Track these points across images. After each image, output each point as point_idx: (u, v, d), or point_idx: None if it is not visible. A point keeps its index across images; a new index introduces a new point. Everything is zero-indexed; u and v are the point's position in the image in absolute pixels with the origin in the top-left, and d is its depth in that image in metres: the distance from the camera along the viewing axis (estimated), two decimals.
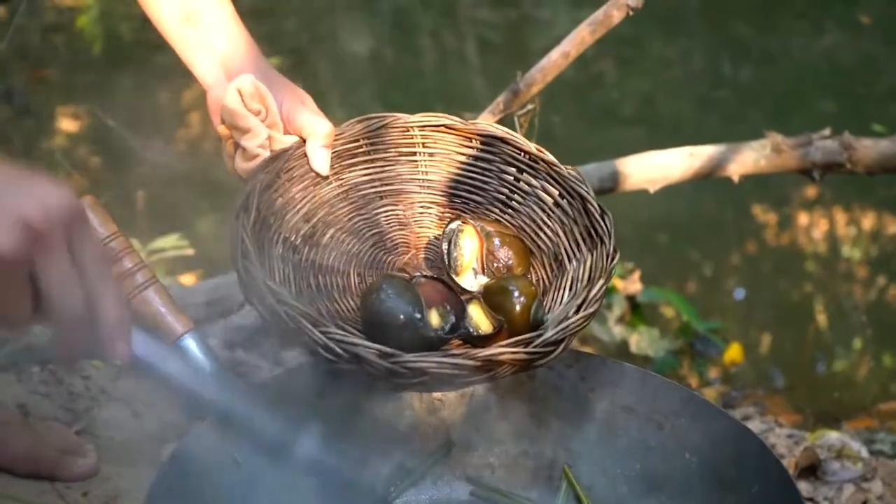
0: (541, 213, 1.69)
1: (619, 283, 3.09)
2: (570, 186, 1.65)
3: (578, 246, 1.62)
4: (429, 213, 1.74)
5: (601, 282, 1.52)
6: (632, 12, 2.19)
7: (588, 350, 2.76)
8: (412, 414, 1.67)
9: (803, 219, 4.09)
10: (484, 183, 1.73)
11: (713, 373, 3.00)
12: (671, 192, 2.60)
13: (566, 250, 1.64)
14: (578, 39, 2.26)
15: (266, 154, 1.62)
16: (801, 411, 2.73)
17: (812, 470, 2.08)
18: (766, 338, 3.44)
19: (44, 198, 1.02)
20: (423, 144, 1.74)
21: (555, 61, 2.29)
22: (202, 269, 3.26)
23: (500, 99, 2.31)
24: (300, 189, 1.64)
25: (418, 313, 1.47)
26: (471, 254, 1.64)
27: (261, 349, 2.51)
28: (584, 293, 1.50)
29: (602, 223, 1.59)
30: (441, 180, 1.74)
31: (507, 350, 1.41)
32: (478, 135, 1.72)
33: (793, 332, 3.47)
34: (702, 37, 5.88)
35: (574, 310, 1.48)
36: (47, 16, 5.19)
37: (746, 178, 2.55)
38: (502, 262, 1.63)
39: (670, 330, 3.12)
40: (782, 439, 2.26)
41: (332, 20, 6.15)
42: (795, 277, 3.84)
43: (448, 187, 1.74)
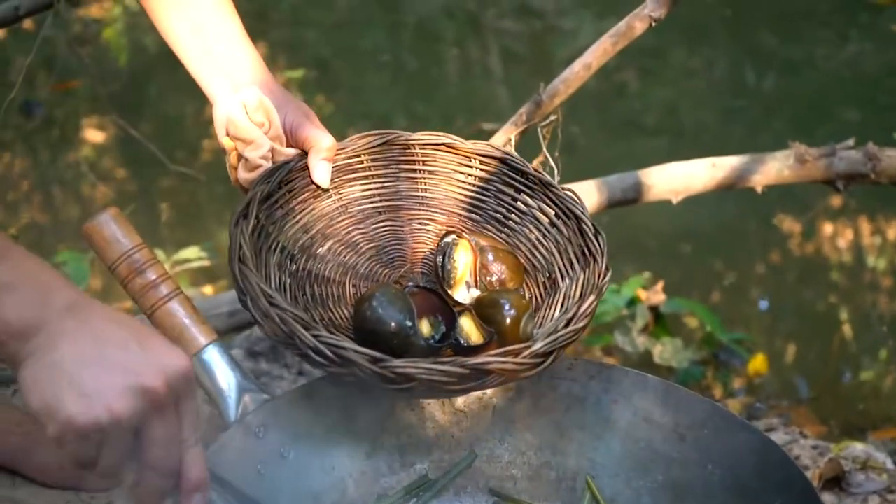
0: (536, 233, 1.71)
1: (642, 294, 3.08)
2: (567, 207, 1.68)
3: (572, 265, 1.65)
4: (426, 229, 1.76)
5: (592, 297, 1.54)
6: (654, 23, 2.19)
7: (611, 361, 2.76)
8: (435, 425, 1.67)
9: (827, 229, 4.07)
10: (482, 202, 1.76)
11: (737, 384, 2.99)
12: (694, 202, 2.60)
13: (560, 269, 1.66)
14: (601, 51, 2.26)
15: (268, 165, 1.65)
16: (826, 422, 2.72)
17: (837, 481, 2.08)
18: (791, 348, 3.43)
19: (162, 362, 1.07)
20: (423, 162, 1.76)
21: (577, 72, 2.29)
22: (225, 279, 3.27)
23: (523, 110, 2.32)
24: (300, 201, 1.67)
25: (409, 321, 1.50)
26: (464, 267, 1.65)
27: (284, 360, 2.52)
28: (575, 308, 1.52)
29: (595, 242, 1.62)
30: (440, 198, 1.77)
31: (496, 360, 1.43)
32: (478, 155, 1.75)
33: (818, 342, 3.45)
34: (725, 46, 5.87)
35: (564, 324, 1.50)
36: (74, 28, 5.23)
37: (770, 189, 2.54)
38: (496, 277, 1.64)
39: (694, 340, 3.11)
40: (807, 450, 2.25)
41: (355, 31, 6.16)
42: (820, 288, 3.83)
43: (446, 205, 1.77)
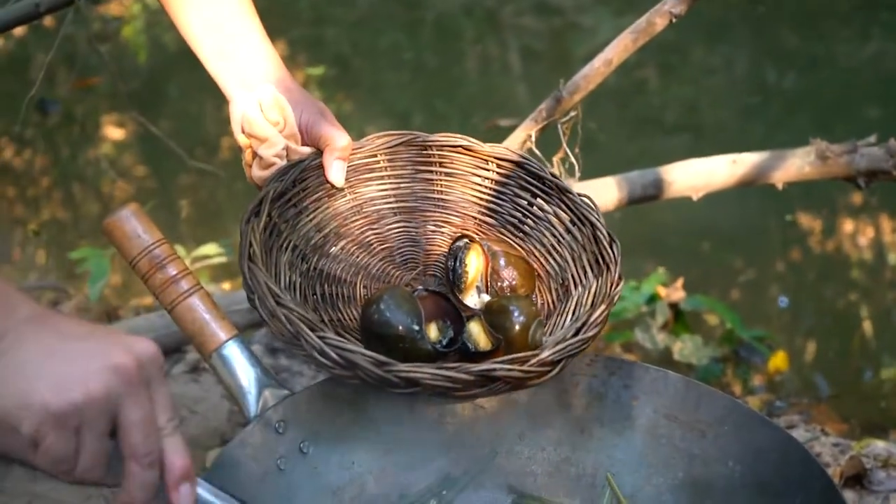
0: (551, 239, 1.70)
1: (662, 291, 3.08)
2: (582, 213, 1.67)
3: (585, 273, 1.64)
4: (441, 231, 1.75)
5: (602, 307, 1.53)
6: (674, 19, 2.18)
7: (631, 358, 2.75)
8: (455, 422, 1.66)
9: (848, 226, 4.06)
10: (498, 205, 1.75)
11: (757, 381, 2.99)
12: (714, 199, 2.59)
13: (573, 276, 1.65)
14: (621, 47, 2.26)
15: (282, 164, 1.65)
16: (847, 420, 2.71)
17: (858, 479, 2.07)
18: (811, 346, 3.42)
19: (129, 344, 1.07)
20: (440, 164, 1.75)
21: (597, 69, 2.29)
22: None
23: (543, 106, 2.31)
24: (314, 199, 1.67)
25: (416, 325, 1.49)
26: (475, 272, 1.65)
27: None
28: (585, 317, 1.51)
29: (609, 251, 1.61)
30: (456, 200, 1.76)
31: (502, 367, 1.42)
32: (495, 158, 1.74)
33: (838, 340, 3.44)
34: (745, 43, 5.85)
35: (573, 332, 1.49)
36: (94, 25, 5.24)
37: (791, 186, 2.53)
38: (506, 282, 1.64)
39: (714, 338, 3.10)
40: (828, 448, 2.25)
41: (375, 28, 6.17)
42: (841, 285, 3.81)
43: (462, 208, 1.76)
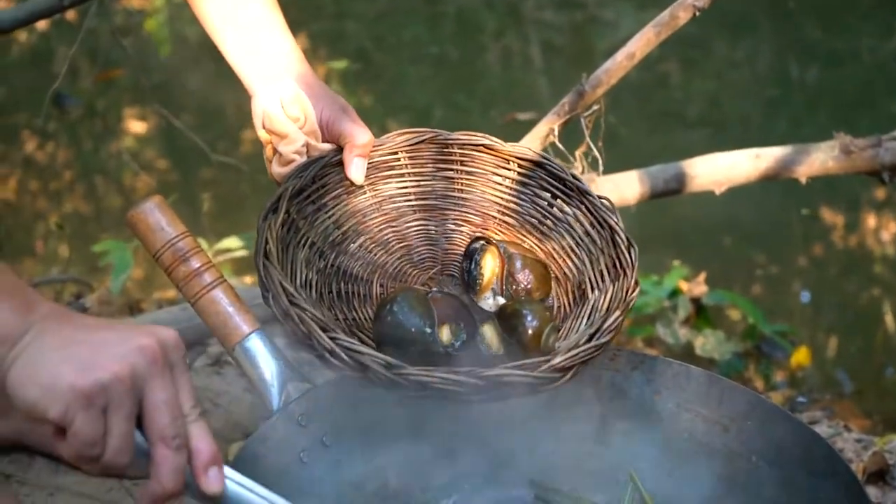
0: (570, 241, 1.69)
1: (684, 286, 3.07)
2: (601, 216, 1.66)
3: (602, 277, 1.62)
4: (460, 230, 1.75)
5: (617, 313, 1.51)
6: (698, 13, 2.17)
7: (653, 352, 2.75)
8: (478, 417, 1.66)
9: (871, 221, 4.04)
10: (518, 205, 1.74)
11: (779, 376, 2.98)
12: (737, 193, 2.58)
13: (590, 280, 1.64)
14: (644, 40, 2.25)
15: (302, 160, 1.64)
16: (870, 416, 2.70)
17: (881, 475, 2.06)
18: (834, 341, 3.41)
19: (151, 330, 1.09)
20: (461, 162, 1.75)
21: (620, 62, 2.28)
22: None
23: (566, 100, 2.31)
24: (333, 197, 1.66)
25: (429, 328, 1.48)
26: (491, 274, 1.64)
27: None
28: (599, 323, 1.50)
29: (627, 255, 1.59)
30: (476, 199, 1.76)
31: (513, 372, 1.41)
32: (516, 157, 1.73)
33: (860, 335, 3.43)
34: (768, 37, 5.83)
35: (586, 338, 1.48)
36: (116, 18, 5.25)
37: (814, 180, 2.52)
38: (522, 285, 1.63)
39: (736, 333, 3.09)
40: (850, 444, 2.24)
41: (396, 22, 6.17)
42: (863, 280, 3.80)
43: (482, 207, 1.76)
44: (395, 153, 1.72)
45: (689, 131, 4.85)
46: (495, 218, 1.75)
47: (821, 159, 2.47)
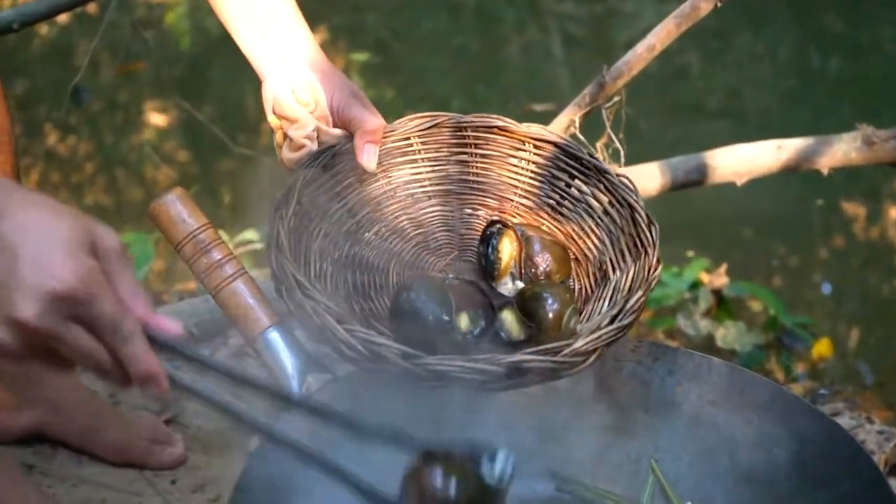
0: (589, 221, 1.66)
1: (705, 277, 3.06)
2: (621, 195, 1.62)
3: (623, 256, 1.59)
4: (477, 215, 1.72)
5: (639, 293, 1.46)
6: (719, 4, 2.17)
7: (674, 344, 2.74)
8: (499, 407, 1.66)
9: (893, 212, 4.02)
10: (535, 187, 1.71)
11: (800, 368, 2.97)
12: (758, 185, 2.57)
13: (611, 260, 1.60)
14: (664, 32, 2.25)
15: (313, 146, 1.62)
16: (892, 408, 2.69)
17: None
18: (855, 333, 3.40)
19: (95, 234, 1.07)
20: (475, 145, 1.72)
21: (640, 54, 2.28)
22: None
23: (587, 91, 2.31)
24: (345, 185, 1.63)
25: (446, 315, 1.44)
26: (509, 258, 1.61)
27: None
28: (622, 304, 1.45)
29: (648, 233, 1.55)
30: (492, 182, 1.73)
31: (534, 358, 1.36)
32: (531, 138, 1.70)
33: (882, 328, 3.41)
34: (789, 29, 5.80)
35: (608, 320, 1.43)
36: (137, 11, 5.27)
37: (835, 172, 2.51)
38: (541, 268, 1.60)
39: (757, 324, 3.09)
40: (872, 436, 2.23)
41: (415, 14, 6.16)
42: (885, 272, 3.78)
43: (498, 190, 1.73)
44: (408, 138, 1.69)
45: (710, 123, 4.84)
46: (512, 200, 1.72)
47: (843, 150, 2.46)
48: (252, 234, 3.30)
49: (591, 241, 1.65)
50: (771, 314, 3.06)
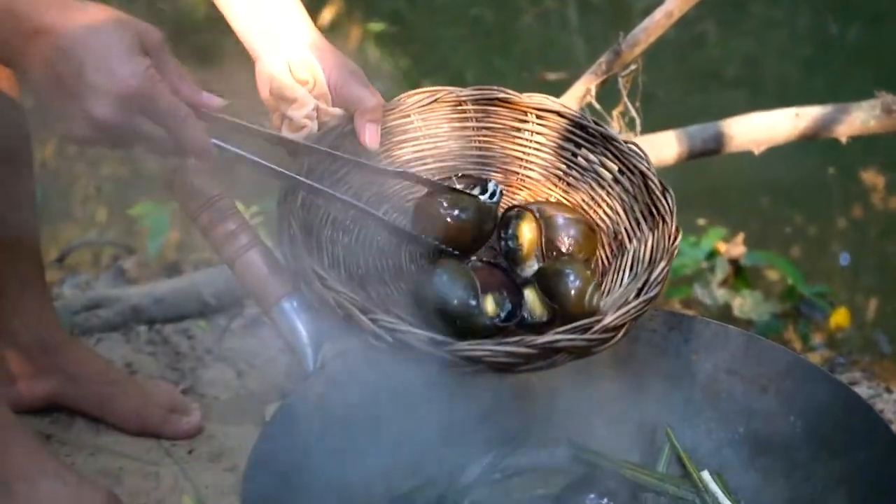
0: (599, 190, 1.63)
1: (722, 247, 3.05)
2: (630, 162, 1.59)
3: (639, 224, 1.56)
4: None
5: (662, 263, 1.44)
6: None
7: (691, 313, 2.73)
8: (514, 377, 1.66)
9: None
10: (540, 158, 1.68)
11: (818, 338, 2.96)
12: (776, 153, 2.56)
13: (627, 230, 1.57)
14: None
15: (313, 125, 1.58)
16: None
17: None
18: (873, 303, 3.38)
19: (143, 33, 1.32)
20: (476, 119, 1.68)
21: (658, 21, 2.26)
22: None
23: (603, 60, 2.29)
24: (349, 167, 1.59)
25: (473, 300, 1.42)
26: (530, 243, 1.58)
27: None
28: (645, 276, 1.43)
29: (664, 201, 1.53)
30: (496, 156, 1.69)
31: (565, 337, 1.35)
32: (534, 109, 1.67)
33: None
34: None
35: (634, 294, 1.41)
36: None
37: (854, 140, 2.49)
38: (564, 248, 1.56)
39: (774, 294, 3.07)
40: (890, 405, 2.23)
41: None
42: None
43: (503, 163, 1.69)
44: (408, 115, 1.66)
45: (727, 91, 4.81)
46: (517, 173, 1.69)
47: (861, 118, 2.44)
48: (267, 205, 3.29)
49: (603, 210, 1.62)
50: (788, 284, 3.04)
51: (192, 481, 1.86)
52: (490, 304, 1.47)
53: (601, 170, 1.63)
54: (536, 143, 1.68)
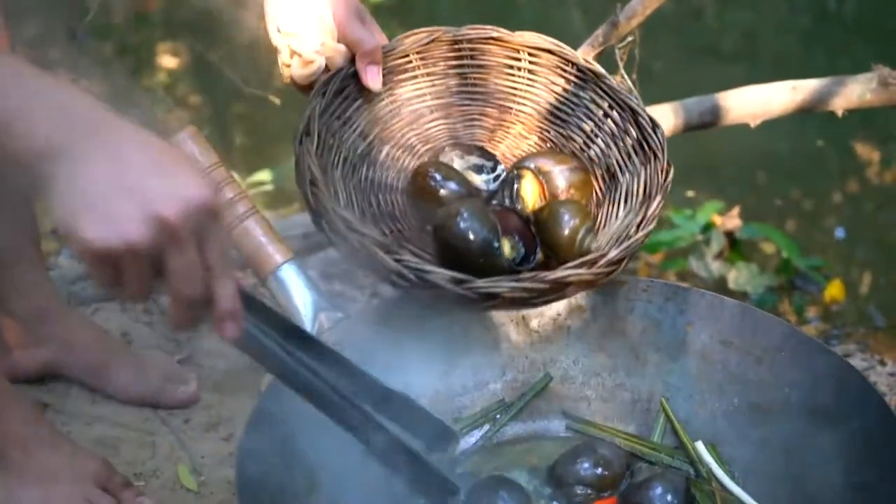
0: (590, 124, 1.70)
1: (717, 219, 3.05)
2: (620, 99, 1.67)
3: (630, 159, 1.63)
4: (479, 124, 1.76)
5: (658, 198, 1.54)
6: None
7: (686, 286, 2.74)
8: (509, 346, 1.67)
9: None
10: (532, 94, 1.75)
11: (812, 311, 2.96)
12: (772, 127, 2.55)
13: (618, 162, 1.65)
14: None
15: (321, 60, 1.61)
16: None
17: None
18: (868, 277, 3.39)
19: (181, 193, 1.05)
20: (471, 57, 1.75)
21: None
22: (297, 202, 3.28)
23: (599, 31, 2.28)
24: (355, 108, 1.66)
25: (496, 242, 1.49)
26: (534, 200, 1.63)
27: (358, 281, 2.53)
28: (643, 211, 1.53)
29: (654, 136, 1.61)
30: (490, 92, 1.76)
31: (574, 272, 1.44)
32: (525, 47, 1.73)
33: None
34: None
35: (634, 228, 1.50)
36: None
37: (851, 114, 2.49)
38: (565, 197, 1.62)
39: (769, 267, 3.07)
40: (883, 378, 2.23)
41: None
42: None
43: (497, 99, 1.76)
44: (407, 56, 1.72)
45: (724, 65, 4.80)
46: (511, 109, 1.75)
47: (858, 91, 2.44)
48: (264, 176, 3.29)
49: (595, 144, 1.69)
50: (783, 257, 3.05)
51: (188, 450, 1.86)
52: (507, 247, 1.53)
53: (592, 105, 1.71)
54: (528, 79, 1.75)
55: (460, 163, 1.66)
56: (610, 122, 1.68)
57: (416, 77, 1.73)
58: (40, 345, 1.93)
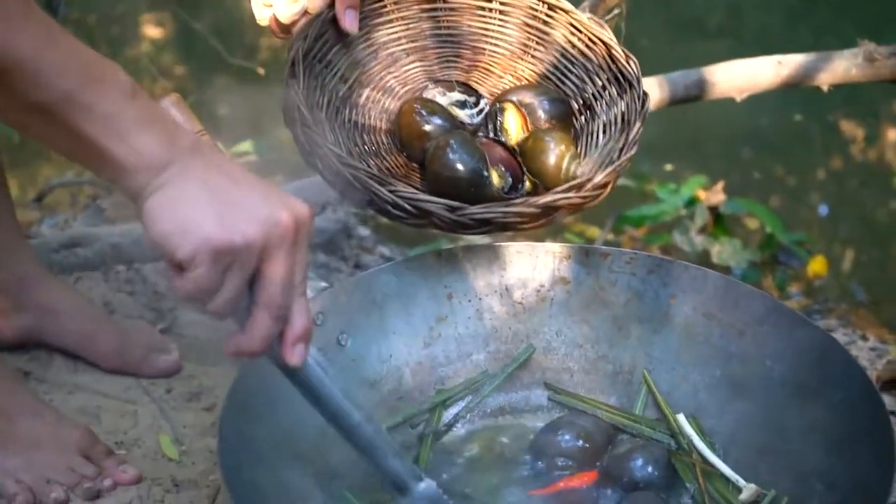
0: (564, 61, 1.74)
1: (701, 194, 3.05)
2: (592, 34, 1.70)
3: (605, 89, 1.68)
4: (455, 66, 1.79)
5: (637, 125, 1.58)
6: None
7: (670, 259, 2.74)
8: (492, 317, 1.67)
9: (893, 134, 4.00)
10: (505, 34, 1.78)
11: (795, 286, 2.97)
12: (757, 102, 2.56)
13: (594, 93, 1.69)
14: None
15: (304, 2, 1.63)
16: (886, 325, 2.69)
17: (894, 384, 2.06)
18: (850, 253, 3.40)
19: (289, 202, 1.13)
20: (444, 0, 1.78)
21: None
22: (280, 175, 3.28)
23: (586, 4, 2.28)
24: (335, 52, 1.68)
25: (485, 171, 1.55)
26: (517, 132, 1.68)
27: (341, 252, 2.53)
28: (623, 138, 1.57)
29: (629, 67, 1.64)
30: (464, 33, 1.79)
31: (563, 196, 1.50)
32: None
33: (878, 248, 3.41)
34: None
35: (617, 153, 1.55)
36: None
37: (836, 90, 2.49)
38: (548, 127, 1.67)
39: (753, 242, 3.08)
40: (865, 352, 2.24)
41: None
42: (882, 193, 3.77)
43: (471, 40, 1.79)
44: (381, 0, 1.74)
45: (710, 41, 4.80)
46: (484, 50, 1.79)
47: (843, 67, 2.44)
48: (247, 146, 3.28)
49: (570, 79, 1.73)
50: (767, 233, 3.05)
51: (170, 420, 1.86)
52: (496, 177, 1.58)
53: (564, 43, 1.74)
54: (500, 20, 1.78)
55: (443, 99, 1.71)
56: (583, 58, 1.71)
57: (391, 21, 1.75)
58: (22, 311, 1.92)
